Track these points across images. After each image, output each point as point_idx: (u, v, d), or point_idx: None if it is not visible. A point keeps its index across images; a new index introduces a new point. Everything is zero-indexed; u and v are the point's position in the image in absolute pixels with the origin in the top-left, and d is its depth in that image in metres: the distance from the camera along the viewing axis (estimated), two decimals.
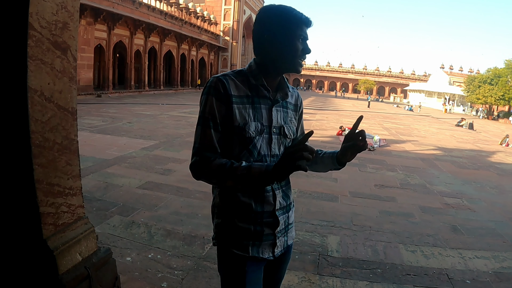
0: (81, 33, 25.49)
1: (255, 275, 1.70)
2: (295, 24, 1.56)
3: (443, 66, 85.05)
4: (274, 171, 1.37)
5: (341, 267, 3.97)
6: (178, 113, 19.17)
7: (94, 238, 2.53)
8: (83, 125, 12.30)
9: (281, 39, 1.56)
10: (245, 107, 1.57)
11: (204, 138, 1.53)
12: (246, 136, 1.56)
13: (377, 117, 29.31)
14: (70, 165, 2.31)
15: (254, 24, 1.66)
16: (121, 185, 6.21)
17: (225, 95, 1.54)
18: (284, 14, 1.57)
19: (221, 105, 1.54)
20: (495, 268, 4.23)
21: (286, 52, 1.58)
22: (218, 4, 53.15)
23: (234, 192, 1.62)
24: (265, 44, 1.60)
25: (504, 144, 18.26)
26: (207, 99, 1.55)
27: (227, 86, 1.55)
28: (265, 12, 1.61)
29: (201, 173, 1.51)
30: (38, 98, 2.03)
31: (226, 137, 1.57)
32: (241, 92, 1.59)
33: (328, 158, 1.75)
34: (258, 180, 1.41)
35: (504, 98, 47.33)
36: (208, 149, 1.53)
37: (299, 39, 1.58)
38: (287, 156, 1.32)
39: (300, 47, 1.58)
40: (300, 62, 1.62)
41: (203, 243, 4.24)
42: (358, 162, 9.85)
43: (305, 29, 1.59)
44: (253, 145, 1.58)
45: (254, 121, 1.58)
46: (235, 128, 1.55)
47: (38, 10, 1.96)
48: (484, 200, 7.21)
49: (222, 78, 1.57)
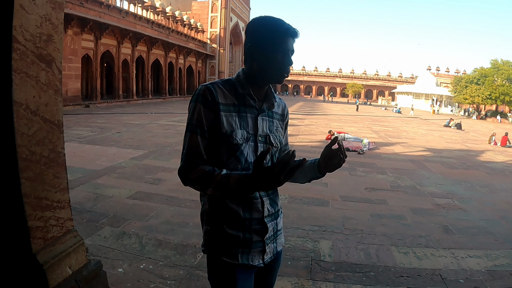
0: (68, 43, 25.32)
1: (246, 283, 1.71)
2: (281, 37, 1.60)
3: (430, 67, 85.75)
4: (255, 184, 1.37)
5: (334, 271, 3.97)
6: (167, 121, 19.10)
7: (84, 251, 2.51)
8: (72, 136, 12.20)
9: (267, 51, 1.60)
10: (231, 115, 1.60)
11: (192, 144, 1.57)
12: (233, 143, 1.59)
13: (366, 120, 29.44)
14: (58, 178, 2.29)
15: (245, 35, 1.70)
16: (111, 195, 6.16)
17: (213, 103, 1.57)
18: (272, 26, 1.61)
19: (208, 112, 1.56)
20: (488, 266, 4.27)
21: (271, 63, 1.61)
22: (204, 12, 53.16)
23: (222, 199, 1.64)
24: (253, 55, 1.63)
25: (492, 142, 18.46)
26: (195, 106, 1.58)
27: (215, 94, 1.58)
28: (254, 24, 1.65)
29: (187, 179, 1.55)
30: (24, 111, 2.01)
31: (214, 144, 1.60)
32: (228, 100, 1.61)
33: (309, 166, 1.78)
34: (236, 188, 1.43)
35: (491, 97, 47.86)
36: (195, 156, 1.56)
37: (285, 52, 1.61)
38: (271, 176, 1.32)
39: (285, 59, 1.62)
40: (283, 73, 1.65)
41: (195, 252, 4.21)
42: (348, 166, 9.87)
43: (291, 42, 1.63)
44: (240, 152, 1.61)
45: (240, 129, 1.60)
46: (222, 135, 1.58)
47: (22, 23, 1.96)
48: (475, 200, 7.27)
49: (210, 86, 1.60)
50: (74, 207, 2.52)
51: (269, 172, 1.32)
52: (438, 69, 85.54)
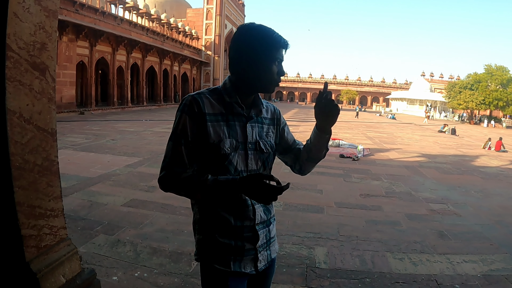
0: (63, 50, 25.32)
1: None
2: (272, 47, 1.59)
3: (424, 73, 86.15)
4: (245, 193, 1.45)
5: (329, 278, 3.96)
6: (162, 129, 19.07)
7: (78, 260, 2.50)
8: (66, 143, 12.17)
9: (258, 61, 1.59)
10: (219, 124, 1.60)
11: (175, 154, 1.57)
12: (221, 153, 1.58)
13: (360, 127, 29.54)
14: (51, 186, 2.28)
15: (231, 41, 1.68)
16: (105, 203, 6.13)
17: (199, 114, 1.57)
18: (262, 36, 1.59)
19: (193, 123, 1.57)
20: (483, 271, 4.28)
21: (261, 73, 1.61)
22: (199, 19, 53.34)
23: (214, 208, 1.64)
24: (242, 64, 1.62)
25: (487, 147, 18.54)
26: (180, 116, 1.59)
27: (201, 105, 1.58)
28: (244, 32, 1.63)
29: (170, 186, 1.56)
30: (17, 119, 2.01)
31: (202, 155, 1.60)
32: (216, 110, 1.61)
33: (313, 136, 1.76)
34: (224, 190, 1.49)
35: (485, 102, 48.07)
36: (178, 165, 1.56)
37: (275, 62, 1.61)
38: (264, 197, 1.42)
39: (275, 69, 1.62)
40: (273, 83, 1.65)
41: (190, 260, 4.19)
42: (342, 173, 9.91)
43: (281, 52, 1.63)
44: (229, 161, 1.61)
45: (229, 138, 1.60)
46: (210, 145, 1.57)
47: (15, 31, 1.95)
48: (470, 205, 7.29)
49: (197, 97, 1.60)
50: (68, 214, 2.51)
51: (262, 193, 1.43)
52: (432, 75, 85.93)
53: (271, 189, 1.41)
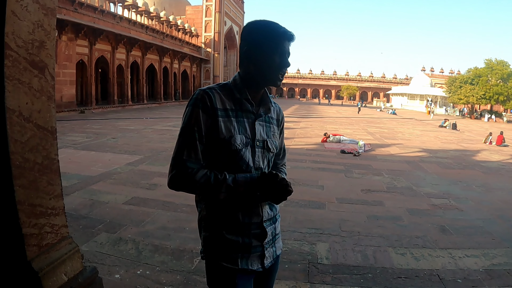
0: (62, 49, 25.27)
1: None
2: (277, 40, 1.60)
3: (424, 68, 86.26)
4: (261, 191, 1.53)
5: (332, 274, 3.96)
6: (162, 126, 19.06)
7: (79, 258, 2.50)
8: (67, 142, 12.17)
9: (265, 53, 1.59)
10: (230, 120, 1.59)
11: (189, 149, 1.54)
12: (232, 148, 1.57)
13: (361, 122, 29.53)
14: (52, 185, 2.27)
15: (241, 39, 1.70)
16: (107, 201, 6.13)
17: (211, 108, 1.56)
18: (267, 30, 1.61)
19: (207, 118, 1.55)
20: (485, 265, 4.27)
21: (266, 66, 1.61)
22: (199, 16, 53.20)
23: (221, 205, 1.63)
24: (248, 59, 1.63)
25: (488, 142, 18.52)
26: (192, 110, 1.56)
27: (213, 99, 1.57)
28: (249, 27, 1.65)
29: (183, 185, 1.54)
30: (17, 118, 2.00)
31: (212, 150, 1.58)
32: (226, 105, 1.61)
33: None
34: (244, 191, 1.53)
35: (485, 97, 48.03)
36: (192, 161, 1.54)
37: (280, 54, 1.61)
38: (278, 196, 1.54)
39: (280, 62, 1.62)
40: (279, 76, 1.65)
41: (192, 257, 4.20)
42: (344, 168, 9.91)
43: (287, 45, 1.63)
44: (239, 157, 1.60)
45: (239, 134, 1.59)
46: (221, 140, 1.56)
47: (14, 30, 1.95)
48: (471, 199, 7.28)
49: (209, 91, 1.58)
50: (70, 213, 2.51)
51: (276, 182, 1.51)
52: (432, 70, 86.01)
53: (286, 190, 1.46)
